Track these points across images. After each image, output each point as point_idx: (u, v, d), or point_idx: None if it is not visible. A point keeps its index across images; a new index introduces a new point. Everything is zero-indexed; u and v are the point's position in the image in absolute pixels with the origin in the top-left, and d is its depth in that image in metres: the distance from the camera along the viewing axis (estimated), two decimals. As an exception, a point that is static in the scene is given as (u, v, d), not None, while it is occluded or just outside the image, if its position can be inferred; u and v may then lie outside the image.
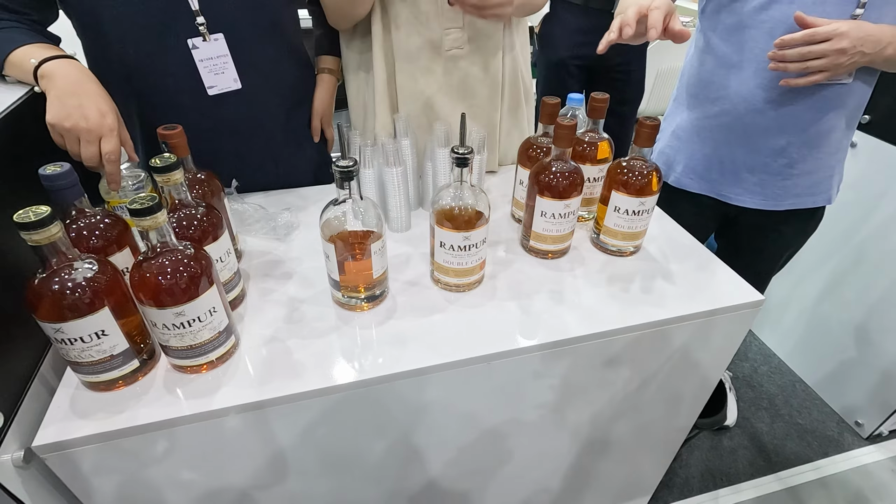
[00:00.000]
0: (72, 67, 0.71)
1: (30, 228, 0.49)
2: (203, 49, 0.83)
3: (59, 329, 0.53)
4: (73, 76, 0.70)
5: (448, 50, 0.96)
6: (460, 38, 0.95)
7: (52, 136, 0.69)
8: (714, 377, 0.90)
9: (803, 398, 1.66)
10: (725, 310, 0.78)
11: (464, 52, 0.97)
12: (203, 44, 0.82)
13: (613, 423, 0.90)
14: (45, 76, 0.69)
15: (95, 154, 0.69)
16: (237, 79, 0.88)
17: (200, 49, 0.83)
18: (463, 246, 0.72)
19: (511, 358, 0.69)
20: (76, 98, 0.68)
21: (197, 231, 0.65)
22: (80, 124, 0.67)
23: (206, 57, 0.84)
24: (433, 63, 0.97)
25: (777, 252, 1.15)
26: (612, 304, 0.76)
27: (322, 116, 1.09)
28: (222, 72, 0.86)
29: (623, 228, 0.83)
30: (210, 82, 0.86)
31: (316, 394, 0.63)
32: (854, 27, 0.79)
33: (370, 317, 0.73)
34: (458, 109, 1.04)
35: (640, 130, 0.77)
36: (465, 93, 1.02)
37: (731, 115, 0.97)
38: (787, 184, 1.00)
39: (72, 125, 0.67)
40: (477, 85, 1.02)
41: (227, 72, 0.86)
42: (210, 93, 0.87)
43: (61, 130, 0.68)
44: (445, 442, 0.79)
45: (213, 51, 0.84)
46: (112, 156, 0.69)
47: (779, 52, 0.84)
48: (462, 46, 0.96)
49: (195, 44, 0.82)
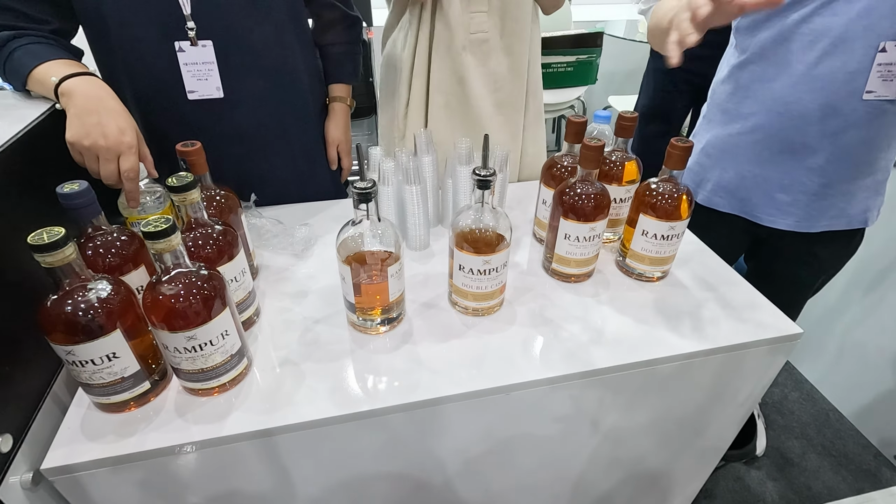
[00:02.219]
0: (91, 85, 0.71)
1: (43, 251, 0.48)
2: (189, 53, 0.83)
3: (71, 352, 0.52)
4: (92, 94, 0.70)
5: (473, 33, 1.00)
6: (486, 21, 1.00)
7: (72, 154, 0.70)
8: (745, 411, 0.85)
9: (837, 428, 1.57)
10: (760, 343, 0.73)
11: (488, 35, 1.02)
12: (190, 48, 0.83)
13: (637, 458, 0.86)
14: (66, 94, 0.69)
15: (114, 172, 0.68)
16: (220, 87, 0.87)
17: (187, 53, 0.83)
18: (483, 270, 0.69)
19: (531, 389, 0.66)
20: (95, 116, 0.68)
21: (212, 251, 0.64)
22: (98, 142, 0.67)
23: (192, 61, 0.84)
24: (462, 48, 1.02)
25: (811, 277, 1.09)
26: (638, 334, 0.73)
27: (339, 145, 1.09)
28: (206, 78, 0.86)
29: (651, 253, 0.80)
30: (191, 87, 0.86)
31: (328, 422, 0.61)
32: None
33: (386, 340, 0.71)
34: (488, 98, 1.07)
35: (672, 152, 0.73)
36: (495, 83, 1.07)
37: (765, 131, 0.92)
38: (823, 204, 0.94)
39: (90, 143, 0.67)
40: (504, 74, 1.06)
41: (211, 79, 0.86)
42: (190, 97, 0.87)
43: (80, 149, 0.68)
44: (459, 470, 0.76)
45: (199, 56, 0.84)
46: (130, 173, 0.68)
47: None
48: (487, 30, 1.01)
49: (182, 47, 0.82)
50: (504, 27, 1.03)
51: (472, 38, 1.01)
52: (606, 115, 0.87)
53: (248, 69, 0.89)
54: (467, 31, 1.00)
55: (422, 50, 1.03)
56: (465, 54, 1.02)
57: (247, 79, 0.90)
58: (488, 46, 1.03)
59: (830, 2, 0.79)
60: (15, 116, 0.69)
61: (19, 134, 0.64)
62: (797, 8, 0.82)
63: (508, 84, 1.08)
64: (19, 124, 0.66)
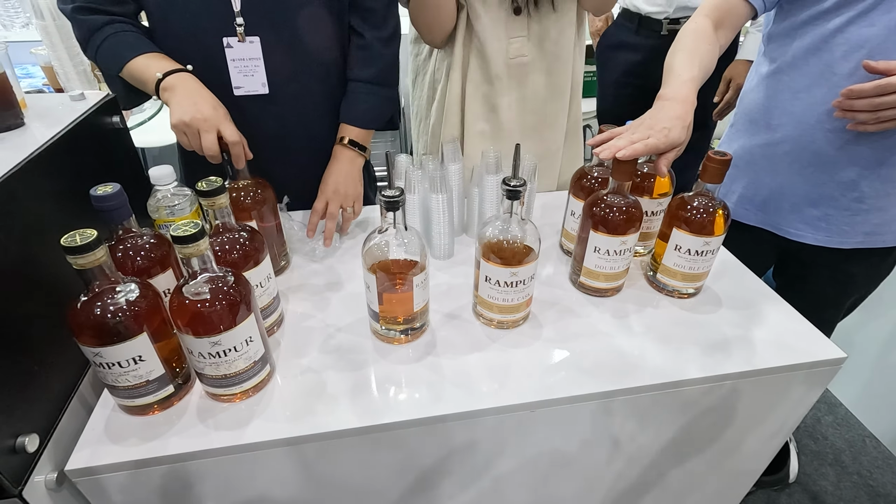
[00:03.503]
0: (189, 79, 0.78)
1: (76, 252, 0.48)
2: (237, 49, 0.84)
3: (98, 353, 0.53)
4: (190, 86, 0.77)
5: (513, 58, 0.98)
6: (525, 45, 0.98)
7: (178, 137, 0.76)
8: (780, 440, 0.81)
9: (874, 456, 1.50)
10: (797, 367, 0.70)
11: (528, 59, 0.99)
12: (238, 44, 0.84)
13: (662, 481, 0.82)
14: (168, 88, 0.77)
15: (215, 141, 0.73)
16: (265, 83, 0.88)
17: (234, 49, 0.84)
18: (510, 282, 0.67)
19: (556, 407, 0.64)
20: (192, 99, 0.75)
21: (238, 256, 0.64)
22: (197, 116, 0.73)
23: (238, 57, 0.85)
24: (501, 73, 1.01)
25: (842, 296, 1.04)
26: (668, 353, 0.70)
27: (329, 199, 0.91)
28: (252, 74, 0.87)
29: (683, 269, 0.77)
30: (238, 82, 0.87)
31: (349, 433, 0.60)
32: None
33: (408, 351, 0.70)
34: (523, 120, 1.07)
35: (708, 165, 0.71)
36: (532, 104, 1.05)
37: (795, 142, 0.89)
38: (855, 220, 0.90)
39: (190, 119, 0.73)
40: (541, 94, 1.05)
41: (257, 75, 0.87)
42: (236, 93, 0.88)
43: (183, 128, 0.73)
44: (480, 486, 0.74)
45: (247, 52, 0.85)
46: (233, 137, 0.74)
47: (846, 102, 0.77)
48: (526, 55, 0.99)
49: (230, 42, 0.84)
50: (543, 48, 1.01)
51: (510, 62, 1.00)
52: (639, 126, 0.85)
53: (292, 66, 0.90)
54: (506, 56, 0.99)
55: (455, 80, 1.03)
56: (501, 80, 1.02)
57: (291, 76, 0.91)
58: (527, 69, 1.02)
59: (868, 12, 0.76)
60: (53, 119, 0.70)
61: (56, 137, 0.65)
62: (832, 17, 0.79)
63: (547, 104, 1.07)
64: (56, 127, 0.68)
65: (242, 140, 0.75)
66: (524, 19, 0.97)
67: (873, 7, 0.76)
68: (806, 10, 0.83)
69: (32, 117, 0.71)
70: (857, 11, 0.77)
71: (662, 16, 1.50)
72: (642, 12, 1.54)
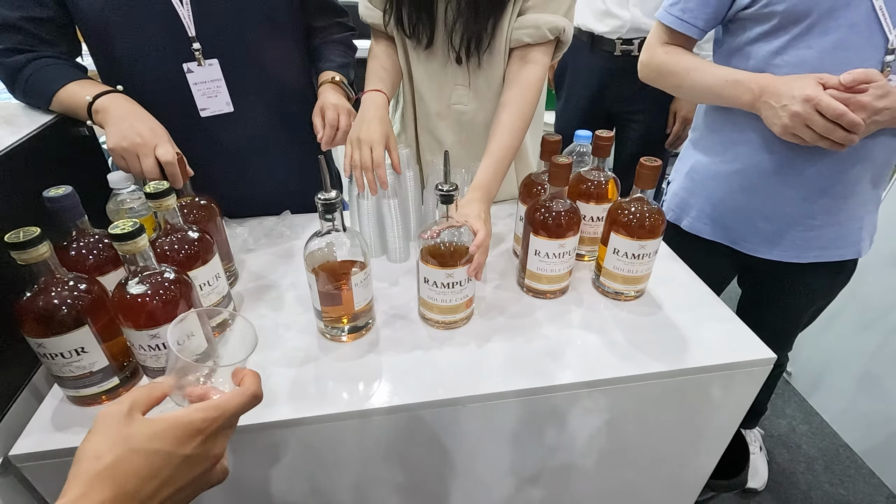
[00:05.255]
0: (122, 99, 0.79)
1: (19, 248, 0.52)
2: (198, 73, 0.88)
3: (41, 344, 0.56)
4: (124, 106, 0.78)
5: (455, 104, 0.98)
6: (466, 94, 0.97)
7: (115, 160, 0.76)
8: (722, 437, 0.83)
9: (847, 465, 1.50)
10: (730, 366, 0.72)
11: (468, 108, 0.98)
12: (198, 68, 0.87)
13: (607, 480, 0.84)
14: (100, 110, 0.77)
15: (154, 164, 0.74)
16: (230, 102, 0.91)
17: (195, 73, 0.87)
18: (447, 283, 0.70)
19: (492, 402, 0.67)
20: (128, 121, 0.76)
21: (186, 255, 0.67)
22: (135, 140, 0.74)
23: (200, 80, 0.88)
24: (447, 116, 1.00)
25: (802, 306, 1.05)
26: (607, 352, 0.72)
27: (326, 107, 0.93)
28: (215, 95, 0.90)
29: (623, 272, 0.79)
30: (203, 105, 0.90)
31: (284, 424, 0.62)
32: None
33: (350, 349, 0.73)
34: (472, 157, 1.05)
35: (641, 171, 0.74)
36: (476, 143, 1.02)
37: (745, 161, 0.91)
38: (810, 235, 0.92)
39: (129, 144, 0.74)
40: (484, 135, 1.01)
41: (220, 95, 0.90)
42: (202, 115, 0.91)
43: (121, 152, 0.74)
44: (415, 486, 0.76)
45: (208, 75, 0.88)
46: (167, 156, 0.74)
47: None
48: (467, 104, 0.98)
49: (190, 67, 0.87)
50: (483, 96, 0.98)
51: (452, 107, 0.99)
52: (587, 134, 0.88)
53: (254, 82, 0.94)
54: (448, 102, 0.98)
55: (408, 118, 1.05)
56: (443, 119, 1.01)
57: (253, 91, 0.94)
58: (468, 115, 1.00)
59: (804, 35, 0.79)
60: (18, 126, 0.74)
61: (18, 142, 0.70)
62: (770, 40, 0.82)
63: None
64: (20, 133, 0.72)
65: (179, 158, 0.76)
66: (464, 69, 0.95)
67: (808, 30, 0.79)
68: (746, 33, 0.86)
69: (1, 123, 0.75)
70: (792, 35, 0.80)
71: (615, 36, 1.52)
72: (595, 32, 1.56)
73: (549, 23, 0.87)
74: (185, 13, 0.83)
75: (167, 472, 0.36)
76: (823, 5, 0.76)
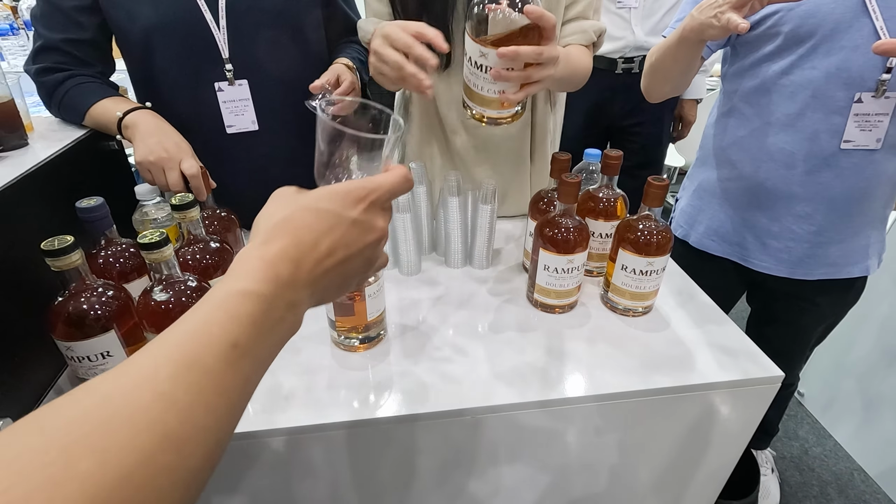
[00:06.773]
0: (150, 116, 0.84)
1: (53, 255, 0.55)
2: (227, 92, 0.92)
3: (70, 347, 0.59)
4: (151, 123, 0.82)
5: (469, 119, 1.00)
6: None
7: (142, 173, 0.80)
8: (731, 456, 0.83)
9: (862, 490, 1.47)
10: (738, 383, 0.72)
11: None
12: (228, 87, 0.92)
13: (614, 497, 0.84)
14: (130, 125, 0.82)
15: (179, 177, 0.78)
16: (255, 120, 0.96)
17: (225, 92, 0.92)
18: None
19: (499, 414, 0.68)
20: (155, 136, 0.80)
21: (207, 264, 0.70)
22: (161, 155, 0.78)
23: (230, 99, 0.93)
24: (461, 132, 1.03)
25: (810, 324, 1.05)
26: (612, 367, 0.73)
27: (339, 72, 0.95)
28: (242, 113, 0.95)
29: (631, 288, 0.81)
30: (230, 122, 0.95)
31: (297, 431, 0.64)
32: None
33: (362, 359, 0.74)
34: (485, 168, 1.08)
35: (649, 190, 0.76)
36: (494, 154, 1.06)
37: (752, 179, 0.93)
38: (817, 252, 0.93)
39: (155, 158, 0.78)
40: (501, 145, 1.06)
41: (247, 114, 0.95)
42: (228, 131, 0.95)
43: (148, 166, 0.78)
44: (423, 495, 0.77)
45: (237, 94, 0.93)
46: (192, 170, 0.78)
47: None
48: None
49: (220, 87, 0.91)
50: None
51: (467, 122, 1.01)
52: (597, 153, 0.90)
53: (279, 102, 0.98)
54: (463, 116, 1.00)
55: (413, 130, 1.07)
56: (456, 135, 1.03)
57: (279, 111, 0.99)
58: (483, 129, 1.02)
59: (808, 55, 0.81)
60: (55, 140, 0.78)
61: (53, 155, 0.73)
62: (776, 60, 0.84)
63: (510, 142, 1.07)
64: (55, 147, 0.76)
65: (203, 172, 0.80)
66: None
67: (812, 52, 0.81)
68: (752, 55, 0.89)
69: (37, 138, 0.80)
70: (798, 55, 0.83)
71: (617, 55, 1.55)
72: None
73: (594, 26, 0.93)
74: (222, 37, 0.87)
75: (339, 231, 0.37)
76: (826, 26, 0.78)
